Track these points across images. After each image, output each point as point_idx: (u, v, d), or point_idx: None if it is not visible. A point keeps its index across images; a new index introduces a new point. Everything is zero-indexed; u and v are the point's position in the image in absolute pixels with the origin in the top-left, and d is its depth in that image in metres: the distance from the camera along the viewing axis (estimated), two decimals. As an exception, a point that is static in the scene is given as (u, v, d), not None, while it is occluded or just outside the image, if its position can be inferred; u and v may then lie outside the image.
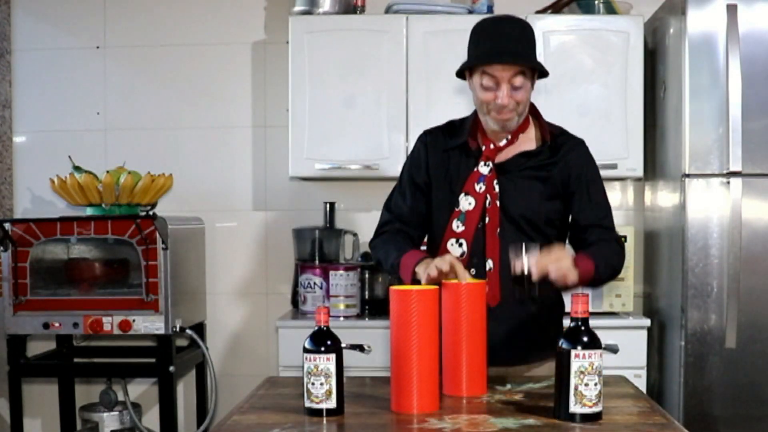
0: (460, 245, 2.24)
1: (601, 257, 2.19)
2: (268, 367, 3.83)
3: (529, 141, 2.30)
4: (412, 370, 1.85)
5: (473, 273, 2.21)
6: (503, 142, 2.27)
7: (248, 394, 2.10)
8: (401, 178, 2.40)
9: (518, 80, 2.16)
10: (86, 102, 3.98)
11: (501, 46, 2.14)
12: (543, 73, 2.22)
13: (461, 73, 2.27)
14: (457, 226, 2.25)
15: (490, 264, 2.22)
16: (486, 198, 2.24)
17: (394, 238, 2.31)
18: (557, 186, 2.27)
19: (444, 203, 2.30)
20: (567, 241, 2.35)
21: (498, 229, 2.23)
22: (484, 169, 2.25)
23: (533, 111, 2.32)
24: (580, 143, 2.33)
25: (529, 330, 2.27)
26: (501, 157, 2.27)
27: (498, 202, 2.24)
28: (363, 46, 3.55)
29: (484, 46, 2.17)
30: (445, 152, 2.32)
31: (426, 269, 2.07)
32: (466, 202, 2.25)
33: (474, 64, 2.18)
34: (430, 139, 2.36)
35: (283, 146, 3.71)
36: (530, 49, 2.19)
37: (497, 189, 2.24)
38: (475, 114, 2.31)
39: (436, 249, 2.29)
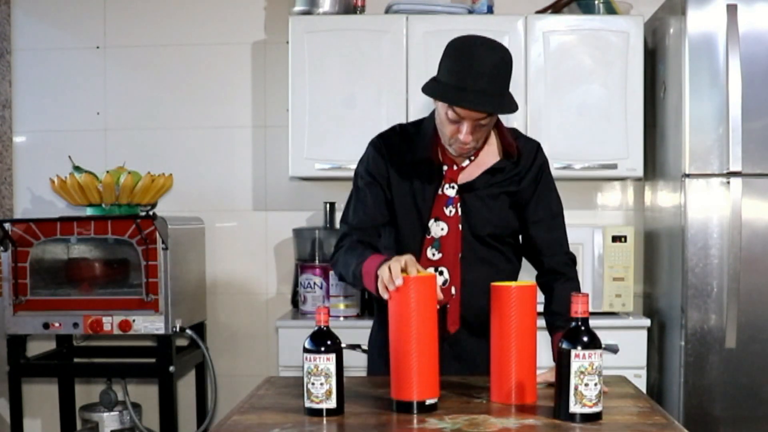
0: (441, 273, 2.19)
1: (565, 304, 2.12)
2: (268, 367, 3.83)
3: (491, 154, 2.23)
4: (411, 357, 1.84)
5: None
6: (465, 163, 2.20)
7: (248, 394, 2.09)
8: (357, 188, 2.27)
9: (484, 120, 2.06)
10: (86, 102, 3.98)
11: (473, 85, 1.99)
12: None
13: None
14: (432, 254, 2.19)
15: (453, 290, 2.20)
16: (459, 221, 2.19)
17: (352, 249, 2.15)
18: (522, 196, 2.23)
19: (413, 225, 2.22)
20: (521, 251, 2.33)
21: (459, 254, 2.19)
22: (450, 191, 2.20)
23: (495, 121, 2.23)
24: (537, 147, 2.27)
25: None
26: (465, 177, 2.21)
27: (460, 226, 2.19)
28: (363, 46, 3.55)
29: (454, 78, 2.02)
30: (404, 165, 2.22)
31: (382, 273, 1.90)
32: (438, 228, 2.19)
33: (443, 101, 2.06)
34: (387, 150, 2.24)
35: (283, 146, 3.71)
36: (503, 87, 2.04)
37: (461, 211, 2.20)
38: (434, 124, 2.19)
39: None
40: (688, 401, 3.18)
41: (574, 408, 1.77)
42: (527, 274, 2.33)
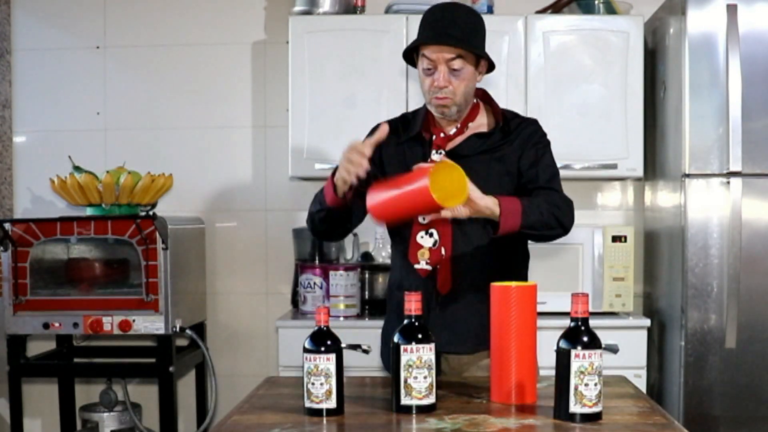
0: (431, 235, 2.23)
1: (536, 201, 2.16)
2: (268, 367, 3.83)
3: (480, 127, 2.30)
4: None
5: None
6: (453, 131, 2.27)
7: (248, 394, 2.10)
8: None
9: (456, 63, 2.16)
10: (86, 102, 3.98)
11: (439, 29, 2.16)
12: (492, 66, 2.23)
13: (412, 62, 2.27)
14: (422, 218, 2.24)
15: (443, 251, 2.22)
16: None
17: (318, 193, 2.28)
18: (513, 163, 2.26)
19: None
20: None
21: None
22: (436, 157, 2.25)
23: (485, 98, 2.33)
24: (533, 122, 2.34)
25: (483, 316, 2.08)
26: (453, 144, 2.27)
27: None
28: (363, 46, 3.55)
29: (424, 29, 2.20)
30: (399, 145, 2.31)
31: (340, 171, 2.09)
32: None
33: (412, 46, 2.20)
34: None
35: (283, 146, 3.72)
36: (471, 34, 2.18)
37: None
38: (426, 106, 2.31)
39: (405, 242, 2.28)
40: (688, 401, 3.18)
41: (574, 408, 1.77)
42: (533, 269, 2.35)
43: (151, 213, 3.47)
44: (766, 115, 3.14)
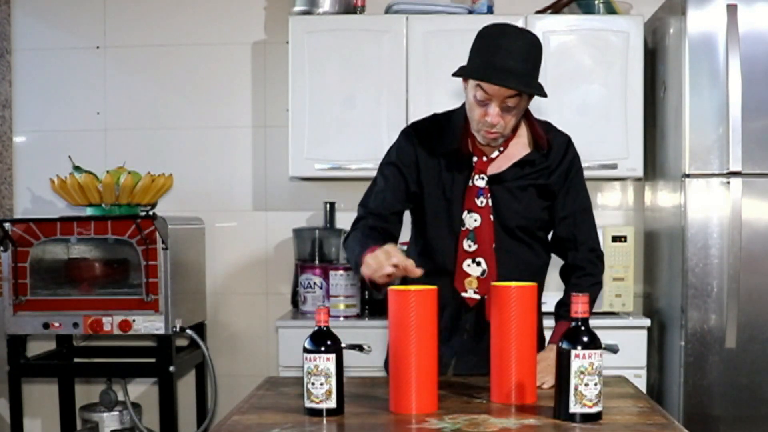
0: (478, 264, 2.19)
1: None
2: (268, 367, 3.83)
3: (521, 146, 2.22)
4: (410, 371, 1.84)
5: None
6: (495, 154, 2.20)
7: (248, 394, 2.10)
8: (381, 174, 2.28)
9: (512, 101, 2.06)
10: (86, 102, 3.98)
11: (501, 63, 2.02)
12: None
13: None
14: (468, 245, 2.19)
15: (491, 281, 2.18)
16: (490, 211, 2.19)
17: (363, 234, 2.16)
18: (550, 194, 2.24)
19: (440, 214, 2.22)
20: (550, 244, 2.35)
21: (494, 245, 2.19)
22: (480, 182, 2.20)
23: (524, 112, 2.22)
24: (568, 142, 2.27)
25: None
26: (494, 168, 2.21)
27: (491, 216, 2.19)
28: (363, 46, 3.55)
29: (485, 57, 2.04)
30: (434, 157, 2.22)
31: (372, 272, 1.95)
32: (471, 219, 2.19)
33: (471, 77, 2.07)
34: (418, 139, 2.24)
35: (283, 146, 3.71)
36: (533, 69, 2.07)
37: (491, 202, 2.20)
38: (464, 115, 2.20)
39: (450, 272, 2.20)
40: (688, 401, 3.18)
41: (574, 408, 1.77)
42: (555, 270, 2.36)
43: (151, 213, 3.46)
44: (766, 115, 3.14)
